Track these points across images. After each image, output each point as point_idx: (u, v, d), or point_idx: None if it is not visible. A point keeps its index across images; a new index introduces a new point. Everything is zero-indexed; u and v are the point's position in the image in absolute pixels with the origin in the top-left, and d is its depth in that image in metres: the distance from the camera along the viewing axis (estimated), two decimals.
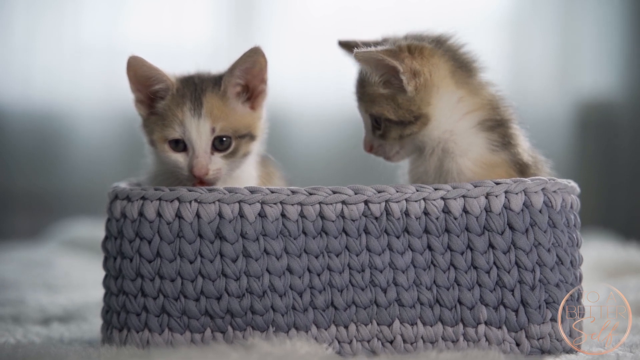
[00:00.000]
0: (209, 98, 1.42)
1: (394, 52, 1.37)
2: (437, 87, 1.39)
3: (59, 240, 2.97)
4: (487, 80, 1.46)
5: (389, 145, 1.43)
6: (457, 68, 1.41)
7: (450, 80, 1.40)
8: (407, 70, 1.36)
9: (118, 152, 3.55)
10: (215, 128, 1.42)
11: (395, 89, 1.39)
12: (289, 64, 3.57)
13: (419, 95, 1.38)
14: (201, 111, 1.41)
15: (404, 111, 1.39)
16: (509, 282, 1.34)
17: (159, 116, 1.44)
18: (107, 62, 3.59)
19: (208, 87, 1.44)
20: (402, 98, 1.38)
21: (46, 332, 1.61)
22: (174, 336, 1.34)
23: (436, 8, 3.63)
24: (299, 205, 1.34)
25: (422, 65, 1.38)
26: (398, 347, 1.35)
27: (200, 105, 1.42)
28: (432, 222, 1.34)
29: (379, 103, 1.40)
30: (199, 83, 1.45)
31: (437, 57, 1.40)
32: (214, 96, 1.43)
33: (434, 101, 1.39)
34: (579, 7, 3.69)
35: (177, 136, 1.42)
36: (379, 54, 1.36)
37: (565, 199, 1.37)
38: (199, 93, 1.43)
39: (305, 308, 1.34)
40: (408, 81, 1.37)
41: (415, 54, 1.38)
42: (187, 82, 1.45)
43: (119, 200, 1.36)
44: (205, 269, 1.33)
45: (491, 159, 1.40)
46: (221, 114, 1.42)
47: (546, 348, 1.35)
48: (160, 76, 1.44)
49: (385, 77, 1.39)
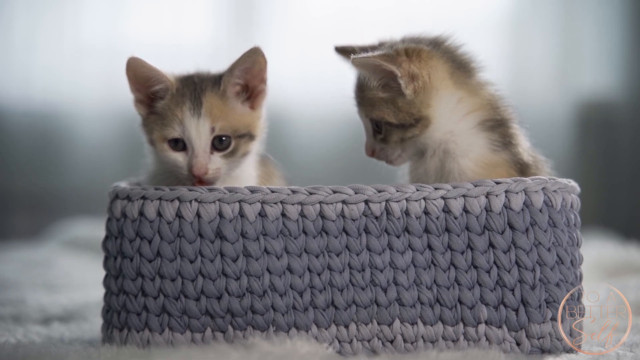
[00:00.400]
0: (208, 97, 1.42)
1: (391, 56, 1.37)
2: (436, 89, 1.39)
3: (59, 240, 2.97)
4: (485, 80, 1.45)
5: (390, 149, 1.43)
6: (456, 69, 1.41)
7: (449, 81, 1.40)
8: (404, 74, 1.36)
9: (118, 151, 3.55)
10: (215, 127, 1.42)
11: (394, 92, 1.39)
12: (289, 64, 3.56)
13: (418, 98, 1.38)
14: (201, 111, 1.41)
15: (404, 114, 1.39)
16: (509, 281, 1.34)
17: (158, 115, 1.44)
18: (107, 62, 3.59)
19: (208, 86, 1.44)
20: (402, 101, 1.38)
21: (46, 332, 1.61)
22: (175, 336, 1.34)
23: (436, 8, 3.63)
24: (300, 204, 1.34)
25: (420, 68, 1.37)
26: (398, 346, 1.35)
27: (199, 104, 1.42)
28: (433, 222, 1.34)
29: (379, 107, 1.40)
30: (199, 82, 1.45)
31: (436, 59, 1.39)
32: (214, 96, 1.43)
33: (433, 103, 1.39)
34: (579, 6, 3.69)
35: (177, 135, 1.42)
36: (376, 60, 1.36)
37: (566, 198, 1.37)
38: (199, 92, 1.43)
39: (305, 307, 1.34)
40: (406, 85, 1.37)
41: (413, 57, 1.38)
42: (187, 81, 1.45)
43: (120, 200, 1.36)
44: (206, 269, 1.33)
45: (492, 159, 1.40)
46: (221, 114, 1.42)
47: (546, 347, 1.35)
48: (159, 76, 1.44)
49: (383, 80, 1.39)
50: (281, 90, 3.54)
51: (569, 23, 3.70)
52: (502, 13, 3.74)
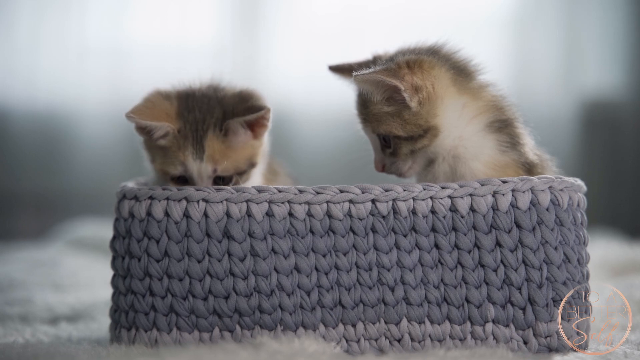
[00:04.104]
0: (210, 142, 1.42)
1: (393, 70, 1.37)
2: (441, 97, 1.38)
3: (65, 240, 2.98)
4: (486, 81, 1.45)
5: (401, 162, 1.42)
6: (457, 75, 1.41)
7: (452, 88, 1.39)
8: (408, 87, 1.35)
9: (123, 152, 3.56)
10: (217, 169, 1.43)
11: (399, 105, 1.38)
12: (294, 63, 3.57)
13: (424, 108, 1.37)
14: (203, 156, 1.42)
15: (412, 126, 1.38)
16: (516, 280, 1.34)
17: (161, 149, 1.44)
18: (111, 63, 3.60)
19: (210, 128, 1.43)
20: (408, 113, 1.38)
21: (54, 332, 1.61)
22: (183, 335, 1.34)
23: (440, 7, 3.63)
24: (307, 204, 1.35)
25: (423, 79, 1.37)
26: (406, 345, 1.35)
27: (202, 149, 1.42)
28: (440, 221, 1.35)
29: (386, 121, 1.39)
30: (201, 121, 1.43)
31: (437, 69, 1.39)
32: (215, 139, 1.43)
33: (440, 112, 1.38)
34: (583, 5, 3.69)
35: (179, 174, 1.44)
36: (379, 75, 1.35)
37: (572, 197, 1.38)
38: (201, 136, 1.42)
39: (313, 307, 1.34)
40: (411, 97, 1.36)
41: (415, 68, 1.37)
42: (188, 116, 1.43)
43: (127, 200, 1.37)
44: (213, 268, 1.34)
45: (502, 160, 1.40)
46: (222, 157, 1.43)
47: (554, 346, 1.35)
48: (158, 127, 1.42)
49: (387, 94, 1.38)
50: (286, 90, 3.55)
51: (573, 22, 3.70)
52: (506, 12, 3.74)
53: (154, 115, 1.42)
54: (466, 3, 3.68)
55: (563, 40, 3.71)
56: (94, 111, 3.62)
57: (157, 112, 1.43)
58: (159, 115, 1.43)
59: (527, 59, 3.69)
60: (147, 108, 1.43)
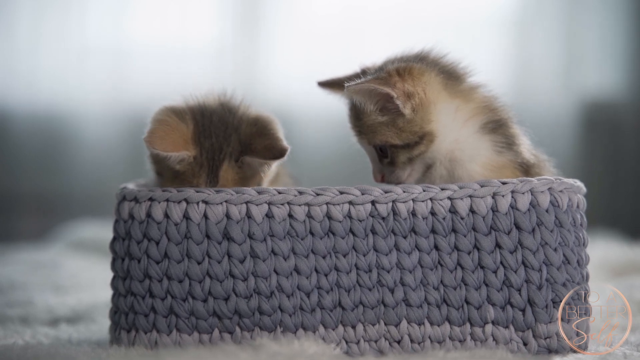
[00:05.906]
0: (224, 173, 1.41)
1: (384, 78, 1.37)
2: (433, 103, 1.38)
3: (65, 241, 2.97)
4: (476, 83, 1.45)
5: (400, 170, 1.41)
6: (447, 79, 1.41)
7: (444, 92, 1.39)
8: (400, 94, 1.35)
9: (124, 153, 3.56)
10: None
11: (393, 114, 1.38)
12: (294, 63, 3.57)
13: (418, 115, 1.37)
14: (216, 185, 1.41)
15: (407, 134, 1.38)
16: (515, 281, 1.34)
17: (171, 168, 1.42)
18: (112, 64, 3.60)
19: (225, 158, 1.41)
20: (402, 121, 1.38)
21: (54, 333, 1.61)
22: (182, 337, 1.34)
23: (440, 7, 3.63)
24: (306, 205, 1.35)
25: (414, 86, 1.37)
26: (405, 346, 1.35)
27: (215, 179, 1.41)
28: (439, 222, 1.35)
29: (381, 132, 1.39)
30: (218, 150, 1.41)
31: (427, 74, 1.39)
32: (230, 170, 1.42)
33: (433, 117, 1.38)
34: (584, 6, 3.68)
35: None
36: (370, 84, 1.35)
37: (572, 198, 1.38)
38: (217, 166, 1.41)
39: (312, 308, 1.34)
40: (404, 104, 1.36)
41: (405, 75, 1.37)
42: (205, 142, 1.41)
43: (127, 202, 1.37)
44: (213, 270, 1.34)
45: (498, 161, 1.40)
46: (234, 184, 1.42)
47: (553, 347, 1.35)
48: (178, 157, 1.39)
49: (380, 104, 1.38)
50: (286, 90, 3.55)
51: (573, 23, 3.70)
52: (506, 13, 3.73)
53: (173, 142, 1.38)
54: (466, 3, 3.68)
55: (563, 41, 3.70)
56: (95, 112, 3.62)
57: (175, 137, 1.39)
58: (177, 142, 1.39)
59: (527, 60, 3.69)
60: (165, 133, 1.39)
